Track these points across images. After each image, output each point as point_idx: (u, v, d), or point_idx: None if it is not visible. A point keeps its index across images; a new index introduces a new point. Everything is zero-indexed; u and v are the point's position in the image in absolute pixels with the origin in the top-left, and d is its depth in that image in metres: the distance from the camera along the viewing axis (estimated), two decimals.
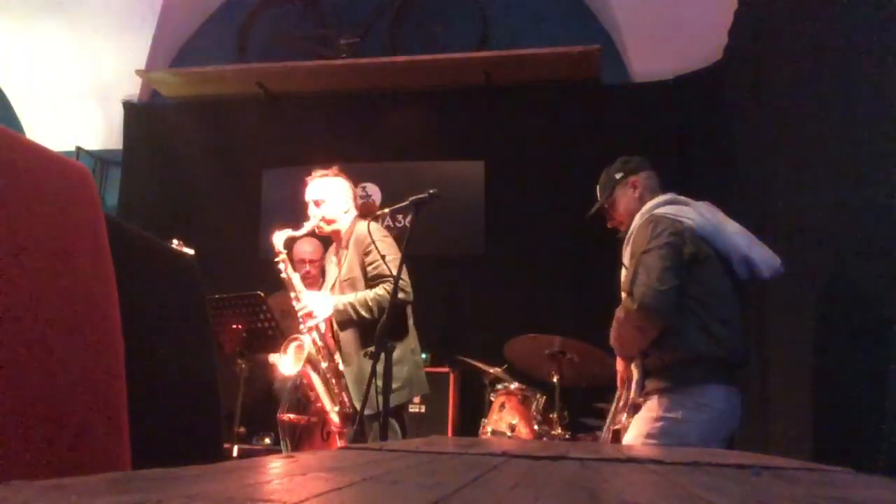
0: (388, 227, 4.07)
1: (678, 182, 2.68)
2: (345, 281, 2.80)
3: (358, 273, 2.77)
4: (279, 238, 2.86)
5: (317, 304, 2.76)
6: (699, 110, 4.17)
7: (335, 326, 2.84)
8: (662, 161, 4.06)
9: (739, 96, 3.51)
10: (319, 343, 2.82)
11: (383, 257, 2.64)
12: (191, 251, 2.89)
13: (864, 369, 1.91)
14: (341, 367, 2.81)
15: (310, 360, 2.82)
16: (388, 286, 2.61)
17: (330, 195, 2.87)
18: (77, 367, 0.93)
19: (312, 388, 2.83)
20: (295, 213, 2.92)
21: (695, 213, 2.20)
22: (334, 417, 2.79)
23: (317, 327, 2.80)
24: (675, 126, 4.33)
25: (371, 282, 2.74)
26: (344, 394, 2.79)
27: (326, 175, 2.92)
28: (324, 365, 2.82)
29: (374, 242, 2.65)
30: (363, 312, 2.65)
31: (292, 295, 2.87)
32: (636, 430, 2.16)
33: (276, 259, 2.87)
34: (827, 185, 2.27)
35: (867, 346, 1.93)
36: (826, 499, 0.57)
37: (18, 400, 0.83)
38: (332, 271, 2.99)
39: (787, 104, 2.75)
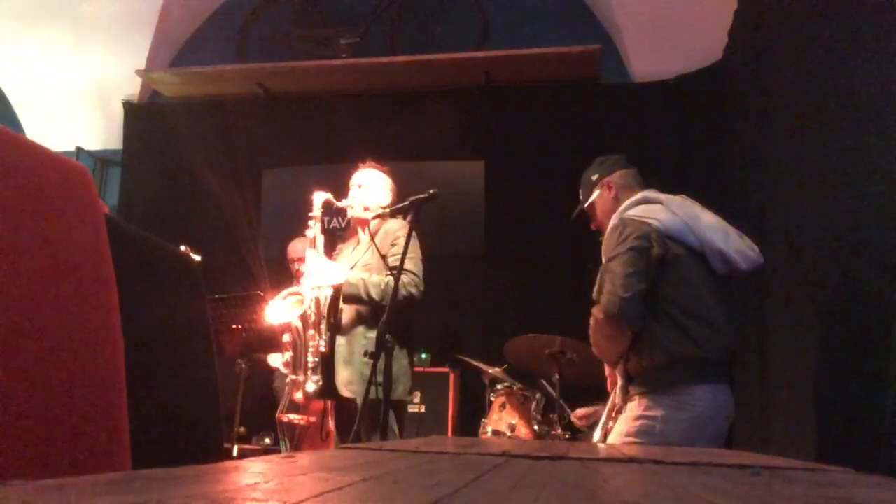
0: None
1: (677, 182, 2.66)
2: (364, 266, 2.80)
3: (379, 263, 2.76)
4: (319, 198, 2.91)
5: (331, 269, 2.77)
6: (699, 110, 4.17)
7: (338, 304, 2.79)
8: (662, 161, 4.09)
9: (739, 96, 3.52)
10: (313, 309, 2.76)
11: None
12: (198, 258, 2.89)
13: (864, 369, 1.91)
14: (322, 348, 2.75)
15: (302, 319, 2.77)
16: (406, 278, 2.60)
17: (373, 185, 2.97)
18: (77, 368, 0.93)
19: (291, 331, 2.78)
20: (295, 213, 2.92)
21: (664, 212, 2.16)
22: (297, 392, 2.75)
23: (317, 301, 2.77)
24: (675, 126, 4.34)
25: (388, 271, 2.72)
26: (312, 371, 2.72)
27: (376, 168, 3.05)
28: (310, 332, 2.77)
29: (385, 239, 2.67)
30: (373, 293, 2.65)
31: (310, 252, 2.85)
32: (617, 430, 2.15)
33: (310, 215, 2.90)
34: (827, 185, 2.26)
35: (867, 346, 1.93)
36: (826, 499, 0.57)
37: (18, 400, 0.83)
38: (346, 254, 2.99)
39: (787, 104, 2.75)
